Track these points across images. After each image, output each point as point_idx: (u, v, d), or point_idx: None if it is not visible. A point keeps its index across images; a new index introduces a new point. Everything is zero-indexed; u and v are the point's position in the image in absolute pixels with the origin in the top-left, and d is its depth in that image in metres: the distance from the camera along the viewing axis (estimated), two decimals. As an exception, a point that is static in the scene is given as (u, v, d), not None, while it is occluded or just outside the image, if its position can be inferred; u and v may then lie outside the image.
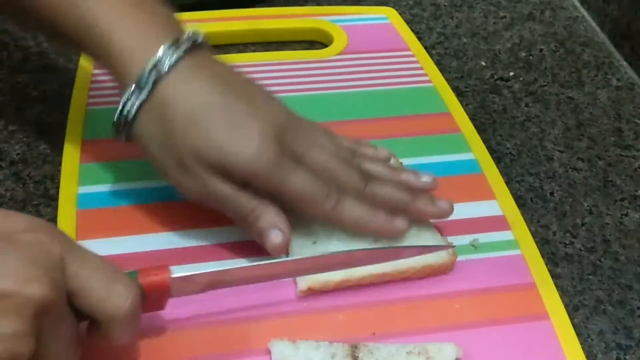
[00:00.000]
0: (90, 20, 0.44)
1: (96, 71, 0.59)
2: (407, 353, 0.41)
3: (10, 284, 0.32)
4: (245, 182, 0.44)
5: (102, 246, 0.45)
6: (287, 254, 0.46)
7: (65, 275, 0.35)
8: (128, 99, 0.43)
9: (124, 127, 0.44)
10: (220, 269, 0.42)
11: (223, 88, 0.44)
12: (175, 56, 0.44)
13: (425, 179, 0.48)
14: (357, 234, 0.46)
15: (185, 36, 0.45)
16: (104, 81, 0.58)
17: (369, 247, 0.46)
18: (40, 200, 0.51)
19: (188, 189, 0.45)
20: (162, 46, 0.44)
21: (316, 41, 0.67)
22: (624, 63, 0.68)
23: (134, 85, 0.43)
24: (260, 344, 0.42)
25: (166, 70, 0.43)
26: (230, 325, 0.43)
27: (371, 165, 0.48)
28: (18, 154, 0.55)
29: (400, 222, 0.46)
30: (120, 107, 0.44)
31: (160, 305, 0.41)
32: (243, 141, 0.43)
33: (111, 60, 0.44)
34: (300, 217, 0.46)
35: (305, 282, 0.44)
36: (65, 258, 0.35)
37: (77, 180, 0.50)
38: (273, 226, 0.44)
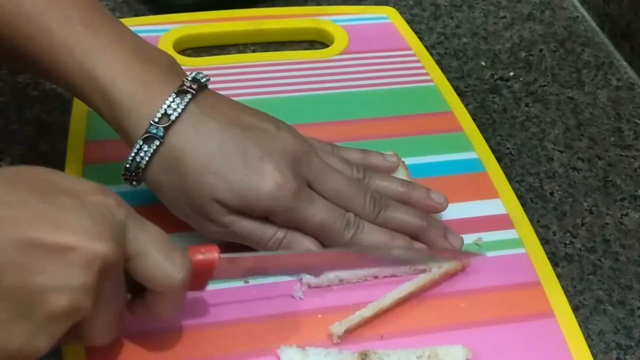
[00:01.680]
0: (90, 71, 0.43)
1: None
2: (417, 357, 0.41)
3: (80, 239, 0.33)
4: (267, 216, 0.44)
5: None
6: None
7: (127, 238, 0.37)
8: (139, 149, 0.43)
9: (136, 175, 0.44)
10: (263, 254, 0.44)
11: (232, 128, 0.44)
12: (183, 104, 0.43)
13: (436, 198, 0.49)
14: None
15: (190, 81, 0.45)
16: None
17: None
18: (40, 200, 0.51)
19: (210, 232, 0.45)
20: (170, 95, 0.43)
21: (316, 41, 0.67)
22: (624, 63, 0.68)
23: (144, 136, 0.43)
24: (269, 347, 0.42)
25: (175, 118, 0.43)
26: (238, 328, 0.43)
27: (383, 183, 0.49)
28: (18, 154, 0.55)
29: (419, 247, 0.47)
30: (131, 157, 0.44)
31: (202, 285, 0.41)
32: (260, 180, 0.43)
33: (114, 112, 0.44)
34: None
35: (341, 327, 0.43)
36: (128, 222, 0.37)
37: None
38: (306, 250, 0.45)
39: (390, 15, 0.68)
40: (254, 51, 0.65)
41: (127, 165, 0.44)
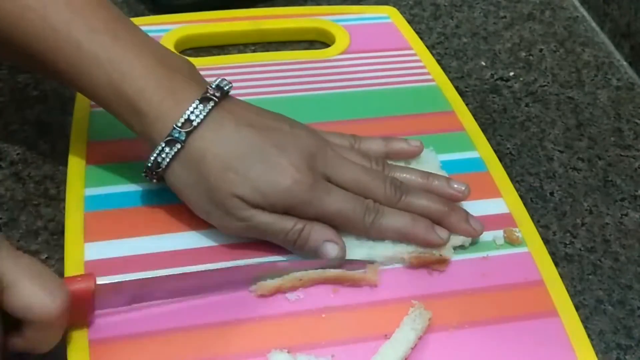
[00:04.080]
0: (119, 84, 0.45)
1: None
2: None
3: None
4: (286, 211, 0.46)
5: (110, 248, 0.46)
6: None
7: None
8: (161, 151, 0.45)
9: (156, 173, 0.46)
10: (145, 278, 0.43)
11: (249, 129, 0.46)
12: (205, 110, 0.45)
13: (457, 186, 0.50)
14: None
15: (213, 88, 0.46)
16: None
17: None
18: (40, 200, 0.51)
19: (230, 228, 0.46)
20: (194, 102, 0.45)
21: (317, 41, 0.67)
22: (624, 63, 0.68)
23: (167, 139, 0.45)
24: (259, 351, 0.42)
25: (198, 124, 0.45)
26: (229, 331, 0.43)
27: (403, 174, 0.49)
28: (18, 154, 0.55)
29: (441, 232, 0.47)
30: (153, 157, 0.45)
31: (84, 316, 0.41)
32: (278, 176, 0.45)
33: (142, 121, 0.45)
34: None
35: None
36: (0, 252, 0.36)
37: (84, 182, 0.50)
38: (326, 240, 0.46)
39: (391, 15, 0.68)
40: (254, 51, 0.65)
41: (149, 165, 0.46)
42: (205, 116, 0.45)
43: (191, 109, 0.45)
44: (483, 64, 0.67)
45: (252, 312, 0.44)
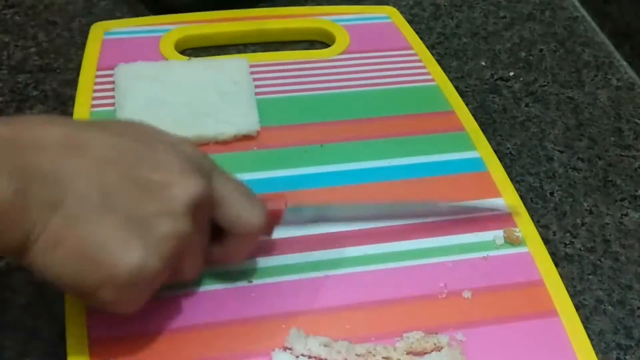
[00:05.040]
0: None
1: (99, 72, 0.59)
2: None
3: (178, 176, 0.38)
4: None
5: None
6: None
7: (213, 184, 0.40)
8: None
9: None
10: (326, 205, 0.47)
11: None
12: None
13: None
14: None
15: None
16: (107, 82, 0.58)
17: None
18: (41, 200, 0.51)
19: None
20: None
21: (317, 41, 0.67)
22: (624, 63, 0.69)
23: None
24: (263, 349, 0.42)
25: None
26: (234, 329, 0.43)
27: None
28: (19, 153, 0.55)
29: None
30: None
31: (269, 232, 0.45)
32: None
33: None
34: None
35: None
36: (214, 171, 0.41)
37: None
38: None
39: (391, 15, 0.68)
40: (254, 51, 0.65)
41: None
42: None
43: None
44: (483, 64, 0.67)
45: (253, 311, 0.44)
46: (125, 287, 0.37)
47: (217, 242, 0.42)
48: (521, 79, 0.66)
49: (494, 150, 0.56)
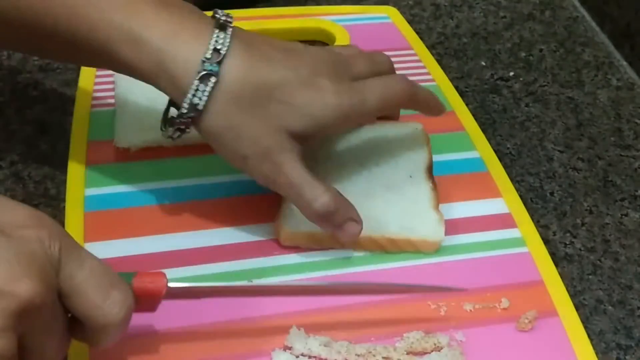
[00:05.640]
0: (121, 23, 0.42)
1: (99, 72, 0.59)
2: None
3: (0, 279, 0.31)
4: (336, 129, 0.47)
5: (109, 248, 0.46)
6: None
7: (60, 275, 0.34)
8: (197, 90, 0.42)
9: (191, 120, 0.43)
10: (215, 285, 0.42)
11: (277, 55, 0.44)
12: (228, 37, 0.43)
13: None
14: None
15: (223, 17, 0.44)
16: (107, 82, 0.58)
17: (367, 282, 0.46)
18: (40, 200, 0.51)
19: (262, 177, 0.44)
20: (214, 32, 0.43)
21: (317, 41, 0.67)
22: (624, 63, 0.69)
23: (199, 75, 0.42)
24: (263, 349, 0.42)
25: (225, 52, 0.42)
26: (233, 330, 0.43)
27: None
28: (18, 154, 0.55)
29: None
30: (188, 100, 0.42)
31: (152, 308, 0.40)
32: (323, 97, 0.44)
33: (154, 60, 0.42)
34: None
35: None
36: (63, 258, 0.34)
37: (84, 182, 0.50)
38: (350, 219, 0.45)
39: (391, 15, 0.68)
40: (254, 51, 0.65)
41: (185, 111, 0.42)
42: (229, 43, 0.42)
43: (214, 38, 0.42)
44: (483, 64, 0.67)
45: (254, 311, 0.44)
46: None
47: (79, 326, 0.36)
48: (521, 79, 0.66)
49: (494, 150, 0.56)
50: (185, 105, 0.42)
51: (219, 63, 0.42)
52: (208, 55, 0.42)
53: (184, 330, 0.43)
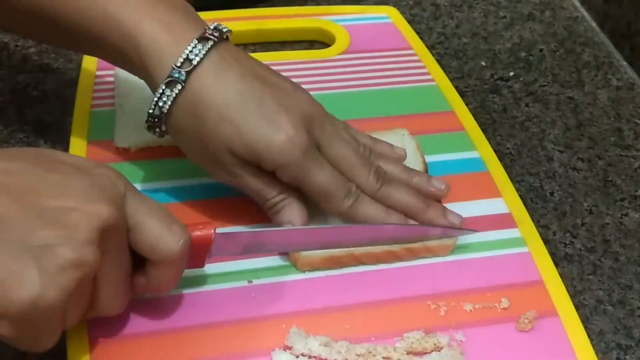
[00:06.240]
0: (115, 19, 0.44)
1: (99, 72, 0.59)
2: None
3: (81, 200, 0.36)
4: (275, 170, 0.45)
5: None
6: None
7: (126, 209, 0.38)
8: (162, 94, 0.44)
9: (159, 121, 0.45)
10: (259, 230, 0.45)
11: (252, 80, 0.45)
12: (205, 49, 0.44)
13: (437, 184, 0.50)
14: None
15: (212, 29, 0.45)
16: (107, 82, 0.58)
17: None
18: (41, 200, 0.51)
19: (222, 179, 0.46)
20: (193, 40, 0.44)
21: (317, 41, 0.67)
22: (624, 63, 0.69)
23: (167, 79, 0.44)
24: (263, 349, 0.42)
25: (197, 63, 0.44)
26: (234, 329, 0.43)
27: (387, 165, 0.49)
28: (18, 153, 0.55)
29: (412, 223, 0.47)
30: (154, 103, 0.44)
31: (200, 262, 0.42)
32: (274, 133, 0.44)
33: (141, 55, 0.44)
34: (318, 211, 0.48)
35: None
36: (128, 194, 0.39)
37: None
38: (288, 222, 0.46)
39: (391, 15, 0.68)
40: (254, 51, 0.65)
41: (151, 111, 0.45)
42: (204, 55, 0.44)
43: (190, 47, 0.44)
44: (483, 64, 0.67)
45: (253, 311, 0.44)
46: (21, 321, 0.34)
47: (141, 271, 0.40)
48: (521, 79, 0.66)
49: (494, 150, 0.56)
50: (152, 105, 0.45)
51: (188, 72, 0.44)
52: (178, 63, 0.44)
53: (184, 329, 0.43)
